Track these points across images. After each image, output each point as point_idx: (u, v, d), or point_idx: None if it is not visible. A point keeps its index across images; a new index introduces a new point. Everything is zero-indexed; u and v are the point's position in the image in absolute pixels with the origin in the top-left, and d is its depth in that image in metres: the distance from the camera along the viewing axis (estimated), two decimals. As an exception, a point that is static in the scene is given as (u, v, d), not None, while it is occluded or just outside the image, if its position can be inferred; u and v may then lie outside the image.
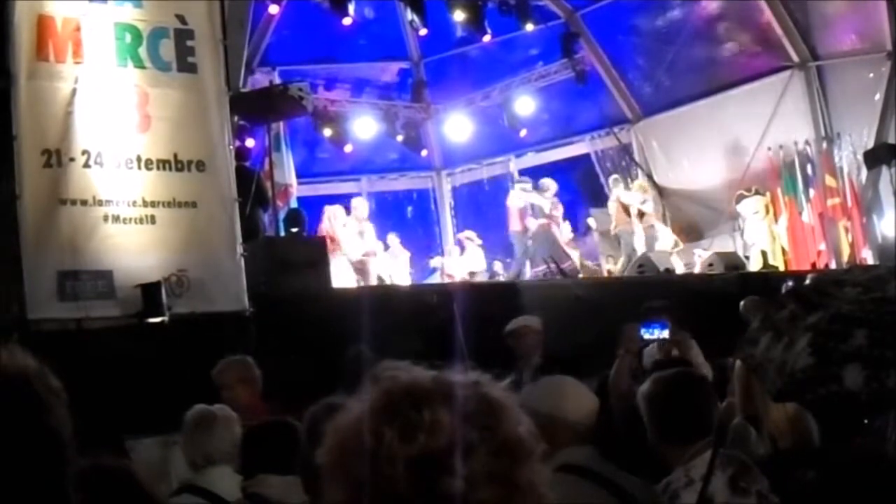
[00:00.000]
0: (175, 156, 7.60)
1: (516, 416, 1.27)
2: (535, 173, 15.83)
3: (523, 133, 16.87)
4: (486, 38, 15.54)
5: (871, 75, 13.59)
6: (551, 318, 8.53)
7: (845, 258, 13.33)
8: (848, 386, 1.04)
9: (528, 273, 13.79)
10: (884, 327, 0.97)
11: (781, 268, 13.22)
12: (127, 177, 7.38)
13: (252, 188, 9.32)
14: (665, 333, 4.64)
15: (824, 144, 14.10)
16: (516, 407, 1.29)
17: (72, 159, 7.14)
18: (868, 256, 13.20)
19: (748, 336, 1.02)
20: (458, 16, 15.09)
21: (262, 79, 14.31)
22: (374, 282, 12.41)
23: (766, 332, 1.02)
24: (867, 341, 1.00)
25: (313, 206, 13.52)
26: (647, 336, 4.66)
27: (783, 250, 14.03)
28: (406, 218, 18.49)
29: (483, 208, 17.64)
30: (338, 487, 1.19)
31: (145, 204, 7.41)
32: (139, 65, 7.57)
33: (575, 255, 14.38)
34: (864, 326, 0.98)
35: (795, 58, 14.37)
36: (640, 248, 13.53)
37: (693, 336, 5.20)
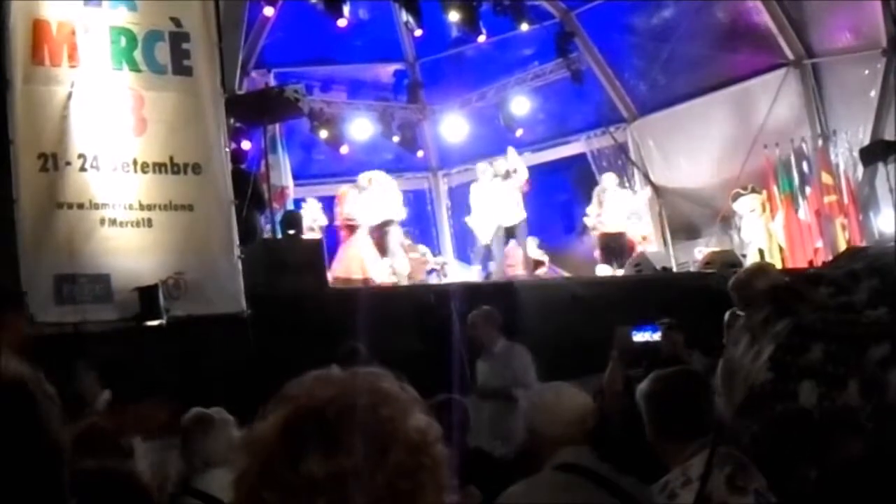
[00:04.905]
0: (171, 159, 7.61)
1: (408, 432, 1.18)
2: (531, 173, 15.77)
3: (519, 133, 16.82)
4: (481, 39, 15.49)
5: (867, 72, 13.58)
6: (547, 318, 8.55)
7: (842, 255, 13.33)
8: (802, 403, 1.02)
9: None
10: (840, 340, 0.94)
11: (778, 265, 13.22)
12: (123, 180, 7.39)
13: (248, 190, 9.32)
14: (657, 335, 4.60)
15: (820, 142, 14.08)
16: (412, 409, 1.20)
17: (68, 163, 7.15)
18: (864, 253, 13.20)
19: (732, 336, 0.97)
20: (453, 16, 15.05)
21: (258, 81, 14.31)
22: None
23: (745, 334, 0.99)
24: (822, 356, 0.98)
25: (310, 208, 13.55)
26: (638, 338, 4.62)
27: (780, 248, 14.01)
28: (402, 219, 18.45)
29: (480, 208, 17.59)
30: None
31: (142, 207, 7.41)
32: (134, 68, 7.57)
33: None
34: (821, 340, 0.96)
35: (790, 55, 14.35)
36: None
37: (690, 334, 5.19)
